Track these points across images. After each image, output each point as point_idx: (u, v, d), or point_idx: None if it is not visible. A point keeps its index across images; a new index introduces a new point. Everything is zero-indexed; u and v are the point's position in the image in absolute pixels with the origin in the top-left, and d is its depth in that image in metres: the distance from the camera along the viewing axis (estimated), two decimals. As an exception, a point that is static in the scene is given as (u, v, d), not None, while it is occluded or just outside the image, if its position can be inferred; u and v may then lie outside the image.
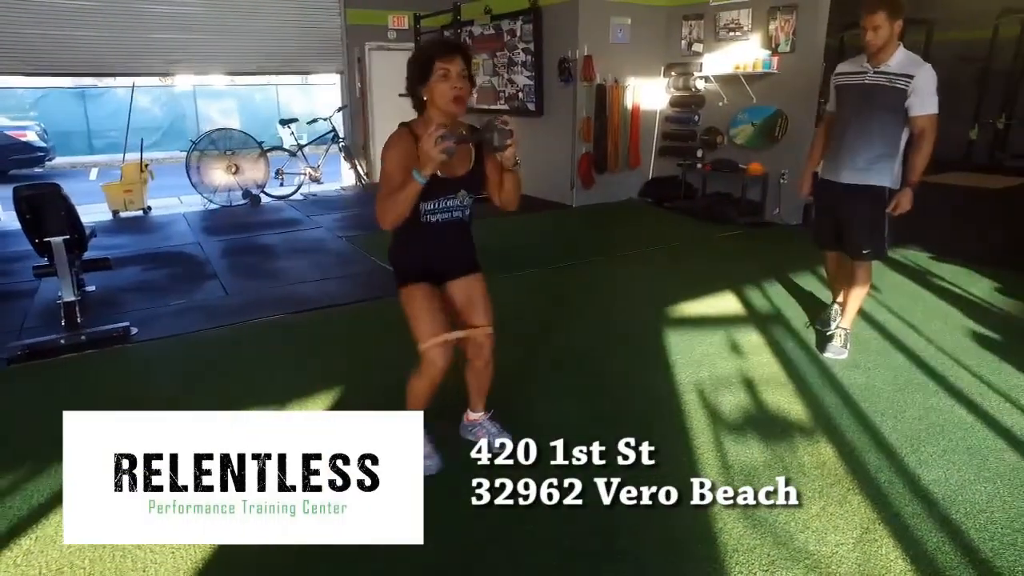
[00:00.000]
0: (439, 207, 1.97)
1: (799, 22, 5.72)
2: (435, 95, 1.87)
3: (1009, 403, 2.66)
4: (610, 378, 2.93)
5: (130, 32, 7.06)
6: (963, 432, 2.44)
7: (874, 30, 2.70)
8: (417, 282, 2.01)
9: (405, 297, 2.02)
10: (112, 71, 7.25)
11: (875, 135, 2.84)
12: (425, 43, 1.91)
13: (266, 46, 7.84)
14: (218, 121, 14.14)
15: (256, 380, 2.94)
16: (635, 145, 6.92)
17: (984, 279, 4.26)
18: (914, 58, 2.80)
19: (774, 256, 4.96)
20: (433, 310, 1.99)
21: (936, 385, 2.82)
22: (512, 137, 1.84)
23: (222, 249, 5.43)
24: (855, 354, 3.12)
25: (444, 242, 2.03)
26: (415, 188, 1.79)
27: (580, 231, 6.08)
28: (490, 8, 7.35)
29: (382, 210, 1.86)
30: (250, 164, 7.50)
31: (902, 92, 2.75)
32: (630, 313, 3.76)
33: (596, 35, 6.47)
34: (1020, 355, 3.08)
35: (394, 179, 1.84)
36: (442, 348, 1.96)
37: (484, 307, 2.11)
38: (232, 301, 4.11)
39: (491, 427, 2.31)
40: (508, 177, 2.00)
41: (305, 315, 3.83)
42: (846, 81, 2.94)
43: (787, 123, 5.95)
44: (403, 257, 2.06)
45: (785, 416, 2.53)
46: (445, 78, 1.85)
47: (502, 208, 2.08)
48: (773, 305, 3.83)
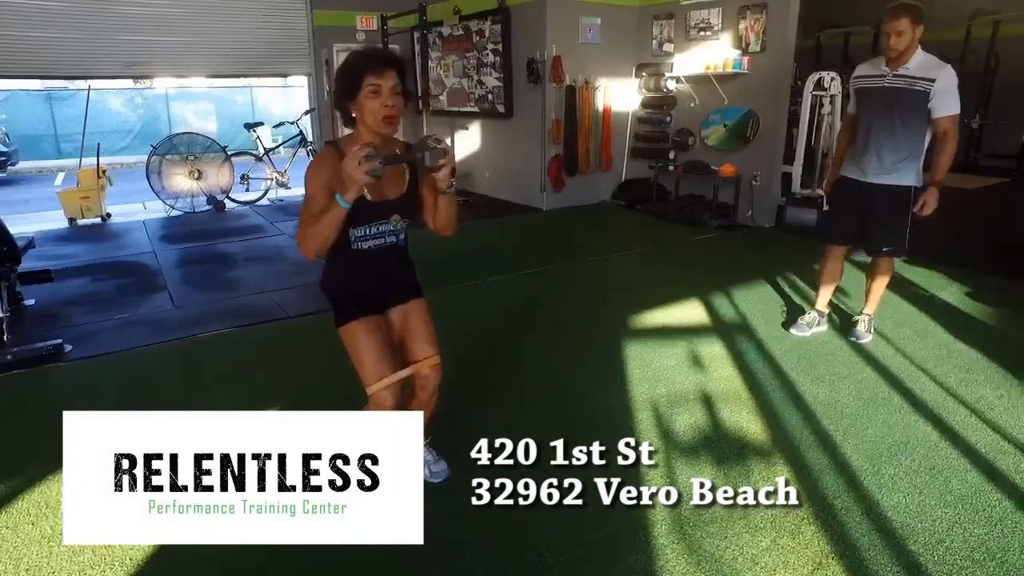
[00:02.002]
0: (370, 233, 1.83)
1: (769, 21, 5.63)
2: (364, 113, 1.71)
3: (975, 417, 2.55)
4: (555, 396, 2.78)
5: (88, 33, 6.80)
6: (926, 450, 2.33)
7: (898, 35, 2.78)
8: (356, 317, 1.85)
9: (346, 336, 1.86)
10: (68, 73, 7.00)
11: (899, 136, 2.91)
12: (354, 54, 1.74)
13: (230, 48, 7.62)
14: (193, 124, 13.87)
15: (192, 402, 2.77)
16: (607, 147, 6.80)
17: (955, 283, 4.18)
18: (934, 60, 2.86)
19: (745, 260, 4.86)
20: (378, 349, 1.84)
21: (901, 399, 2.71)
22: (446, 156, 1.69)
23: (178, 258, 5.24)
24: (821, 367, 3.01)
25: (379, 270, 1.89)
26: (339, 213, 1.65)
27: (548, 236, 5.94)
28: (459, 8, 7.20)
29: (303, 237, 1.70)
30: (214, 169, 7.29)
31: (924, 94, 2.82)
32: (590, 323, 3.62)
33: (565, 35, 6.34)
34: (987, 365, 2.99)
35: (316, 203, 1.68)
36: (390, 390, 1.84)
37: (428, 335, 1.97)
38: (179, 314, 3.93)
39: (427, 454, 2.16)
40: (443, 200, 1.83)
41: (255, 328, 3.66)
42: (866, 84, 3.01)
43: (759, 124, 5.86)
44: (337, 289, 1.90)
45: (742, 436, 2.41)
46: (375, 94, 1.68)
47: (437, 232, 1.91)
48: (739, 313, 3.72)
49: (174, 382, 3.00)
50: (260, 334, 3.58)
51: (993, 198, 7.18)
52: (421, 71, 7.44)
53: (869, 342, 3.23)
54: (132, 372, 3.11)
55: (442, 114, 7.91)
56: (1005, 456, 2.29)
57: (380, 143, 1.74)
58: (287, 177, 7.80)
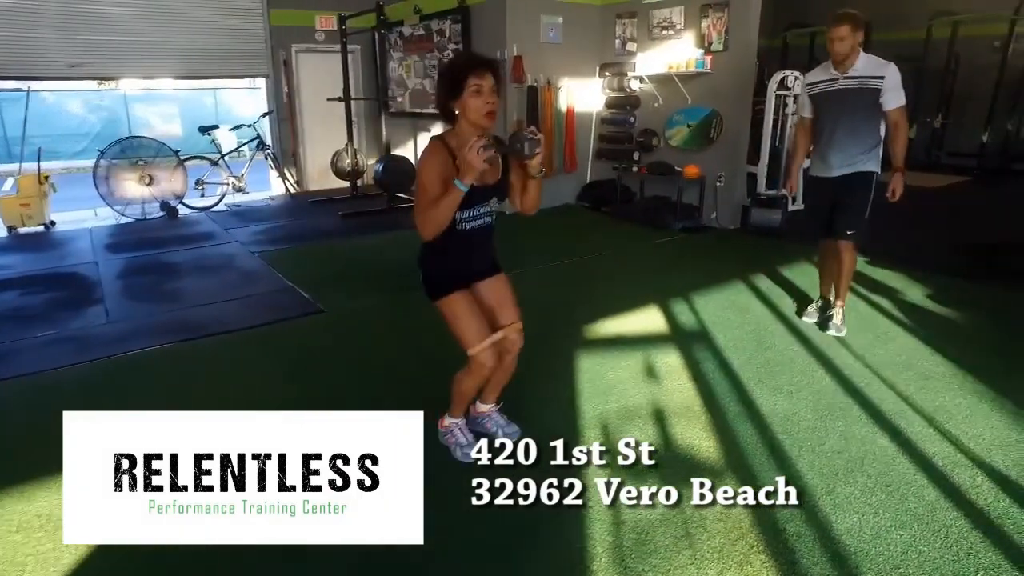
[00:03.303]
0: (474, 215, 2.06)
1: (731, 20, 5.55)
2: (468, 110, 1.94)
3: (932, 428, 2.46)
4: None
5: (27, 31, 6.50)
6: (883, 466, 2.22)
7: (840, 40, 3.06)
8: (456, 290, 2.10)
9: (447, 307, 2.11)
10: (4, 74, 6.66)
11: (861, 130, 3.18)
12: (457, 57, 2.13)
13: (181, 48, 7.34)
14: (157, 127, 13.49)
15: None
16: (571, 148, 6.68)
17: (917, 285, 4.12)
18: (877, 60, 3.14)
19: (708, 264, 4.77)
20: (476, 316, 2.11)
21: (860, 410, 2.61)
22: (540, 146, 1.93)
23: (121, 268, 4.99)
24: (780, 376, 2.91)
25: (476, 247, 2.14)
26: (458, 196, 1.89)
27: (507, 240, 5.68)
28: (419, 8, 7.02)
29: (423, 221, 1.95)
30: (166, 174, 7.02)
31: (876, 91, 3.11)
32: (543, 333, 3.45)
33: (526, 35, 6.20)
34: (947, 370, 2.92)
35: (432, 190, 1.93)
36: (491, 350, 2.11)
37: (513, 304, 2.24)
38: (112, 329, 3.70)
39: (500, 419, 2.40)
40: (532, 184, 2.10)
41: (192, 344, 3.46)
42: (821, 89, 3.26)
43: (722, 124, 5.79)
44: (441, 266, 2.13)
45: (693, 455, 2.29)
46: (478, 93, 1.91)
47: (523, 212, 2.20)
48: (699, 320, 3.61)
49: (91, 407, 2.78)
50: (196, 350, 3.38)
51: (955, 197, 7.21)
52: (380, 72, 7.25)
53: (844, 335, 3.34)
54: (48, 397, 2.87)
55: (403, 116, 7.73)
56: (961, 470, 2.19)
57: (480, 136, 1.93)
58: (244, 182, 7.56)
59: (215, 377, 3.07)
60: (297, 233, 6.09)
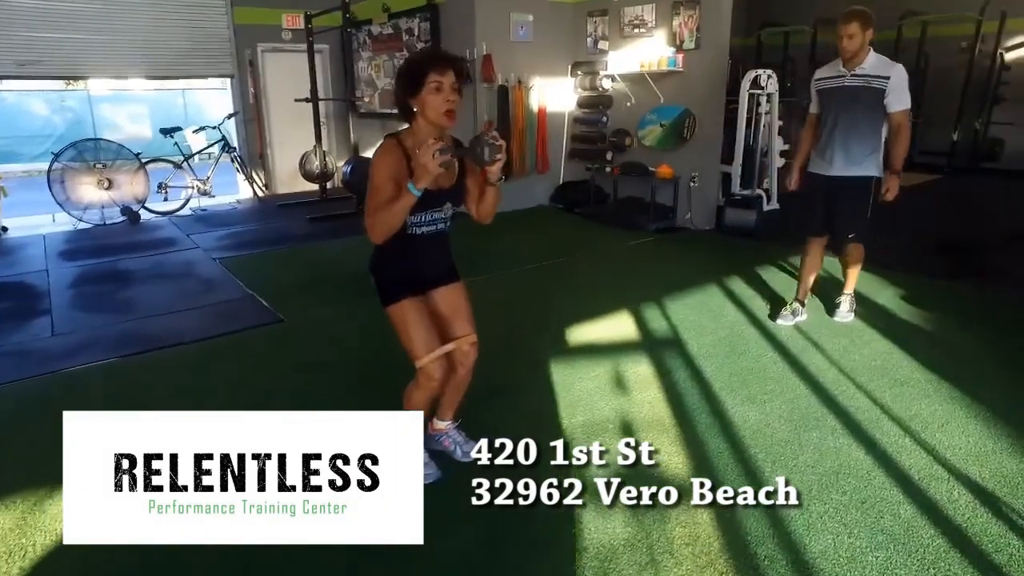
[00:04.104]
0: (426, 220, 1.97)
1: (703, 18, 5.47)
2: (427, 108, 1.85)
3: (909, 438, 2.38)
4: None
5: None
6: (858, 481, 2.13)
7: (849, 38, 3.02)
8: (406, 297, 2.01)
9: (396, 314, 2.02)
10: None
11: (863, 130, 3.14)
12: (418, 54, 2.02)
13: (140, 47, 7.08)
14: (125, 128, 13.12)
15: (37, 457, 2.39)
16: (543, 149, 6.57)
17: (892, 286, 4.07)
18: (886, 60, 3.11)
19: (681, 267, 4.68)
20: (426, 326, 2.02)
21: (834, 419, 2.52)
22: (502, 152, 1.83)
23: (73, 277, 4.77)
24: (752, 385, 2.82)
25: (429, 253, 2.04)
26: (409, 200, 1.80)
27: (477, 243, 5.56)
28: (388, 6, 6.86)
29: (372, 224, 1.85)
30: (126, 177, 6.77)
31: (880, 91, 3.07)
32: (508, 342, 3.33)
33: (496, 33, 6.07)
34: (923, 376, 2.85)
35: (384, 192, 1.83)
36: (439, 362, 2.02)
37: (467, 315, 2.13)
38: (56, 343, 3.51)
39: (458, 436, 2.28)
40: (490, 191, 1.98)
41: (139, 358, 3.28)
42: (827, 85, 3.24)
43: (695, 123, 5.71)
44: (391, 271, 2.03)
45: (659, 473, 2.18)
46: (438, 91, 1.83)
47: (478, 220, 2.06)
48: (671, 325, 3.51)
49: (22, 430, 2.60)
50: (143, 365, 3.20)
51: (928, 195, 7.22)
52: (349, 72, 7.08)
53: (850, 321, 3.43)
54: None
55: (373, 116, 7.56)
56: (938, 483, 2.11)
57: (438, 137, 1.85)
58: (210, 185, 7.32)
59: (160, 394, 2.90)
60: (262, 238, 5.89)
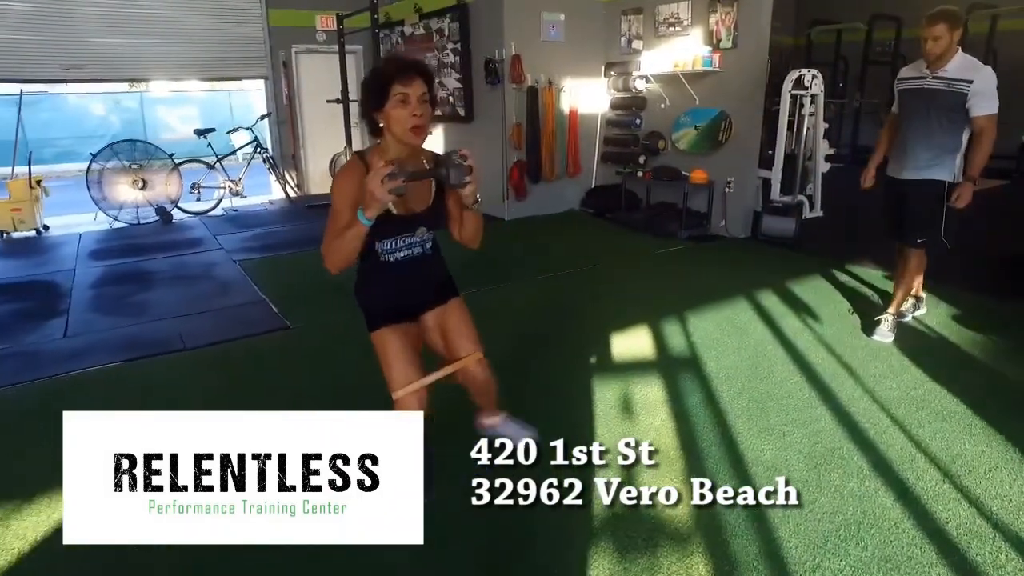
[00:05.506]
0: (396, 246, 1.82)
1: (740, 15, 5.17)
2: (391, 123, 1.68)
3: (948, 483, 2.10)
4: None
5: (20, 33, 6.42)
6: (883, 534, 1.88)
7: (934, 39, 2.90)
8: (386, 324, 1.86)
9: (376, 342, 1.88)
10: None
11: (935, 134, 3.03)
12: (382, 62, 1.81)
13: (178, 50, 7.22)
14: (178, 129, 13.52)
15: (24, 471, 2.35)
16: (574, 152, 6.36)
17: (942, 304, 3.70)
18: (973, 62, 2.97)
19: (711, 278, 4.40)
20: (405, 355, 1.84)
21: (862, 458, 2.26)
22: (471, 173, 1.67)
23: (97, 277, 4.82)
24: (772, 414, 2.57)
25: (409, 279, 1.88)
26: (360, 230, 1.63)
27: (503, 250, 5.42)
28: (419, 6, 6.78)
29: (327, 252, 1.69)
30: (160, 178, 6.89)
31: (961, 95, 2.94)
32: (514, 358, 3.15)
33: (525, 32, 5.90)
34: (969, 411, 2.54)
35: (342, 217, 1.67)
36: (416, 396, 1.82)
37: (468, 332, 1.95)
38: (66, 345, 3.51)
39: (513, 426, 2.12)
40: (468, 215, 1.82)
41: (141, 363, 3.24)
42: (907, 86, 3.14)
43: (732, 126, 5.41)
44: (369, 298, 1.90)
45: (656, 515, 1.96)
46: (403, 103, 1.66)
47: (463, 245, 1.91)
48: (690, 343, 3.27)
49: (20, 432, 2.57)
50: (143, 371, 3.16)
51: (990, 203, 6.68)
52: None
53: (890, 343, 3.20)
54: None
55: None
56: (980, 542, 1.84)
57: (407, 154, 1.73)
58: (241, 186, 7.39)
59: (155, 403, 2.83)
60: (287, 240, 5.87)
